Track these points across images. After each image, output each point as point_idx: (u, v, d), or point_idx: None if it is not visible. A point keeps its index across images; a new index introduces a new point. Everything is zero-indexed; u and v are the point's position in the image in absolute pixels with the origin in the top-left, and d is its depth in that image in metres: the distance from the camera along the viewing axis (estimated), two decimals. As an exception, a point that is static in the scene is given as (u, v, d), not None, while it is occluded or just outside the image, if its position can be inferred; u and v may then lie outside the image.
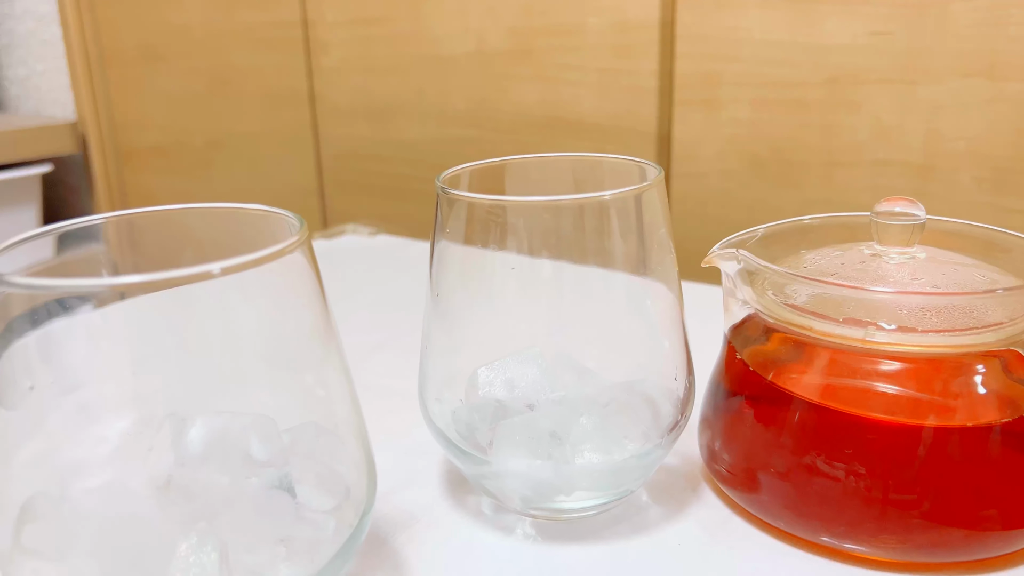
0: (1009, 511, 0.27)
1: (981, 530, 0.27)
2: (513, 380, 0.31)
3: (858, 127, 0.62)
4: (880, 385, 0.28)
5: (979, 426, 0.27)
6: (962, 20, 0.56)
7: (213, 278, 0.21)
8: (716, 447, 0.32)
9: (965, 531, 0.27)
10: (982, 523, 0.27)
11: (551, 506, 0.30)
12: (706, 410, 0.33)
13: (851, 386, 0.28)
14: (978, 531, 0.27)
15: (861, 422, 0.27)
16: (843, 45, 0.61)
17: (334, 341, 0.26)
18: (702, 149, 0.68)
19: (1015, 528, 0.27)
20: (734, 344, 0.32)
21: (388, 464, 0.35)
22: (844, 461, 0.27)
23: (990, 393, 0.27)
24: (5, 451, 0.23)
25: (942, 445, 0.27)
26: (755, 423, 0.30)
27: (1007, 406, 0.27)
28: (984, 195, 0.58)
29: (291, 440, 0.26)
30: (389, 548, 0.30)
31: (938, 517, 0.27)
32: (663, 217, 0.30)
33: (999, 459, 0.27)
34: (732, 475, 0.31)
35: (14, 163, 1.10)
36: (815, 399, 0.28)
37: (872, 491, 0.27)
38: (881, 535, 0.27)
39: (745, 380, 0.31)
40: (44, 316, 0.22)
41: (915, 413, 0.27)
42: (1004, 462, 0.27)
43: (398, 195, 0.91)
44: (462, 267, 0.30)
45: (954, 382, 0.27)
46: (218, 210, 0.28)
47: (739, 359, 0.31)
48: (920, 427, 0.27)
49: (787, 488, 0.29)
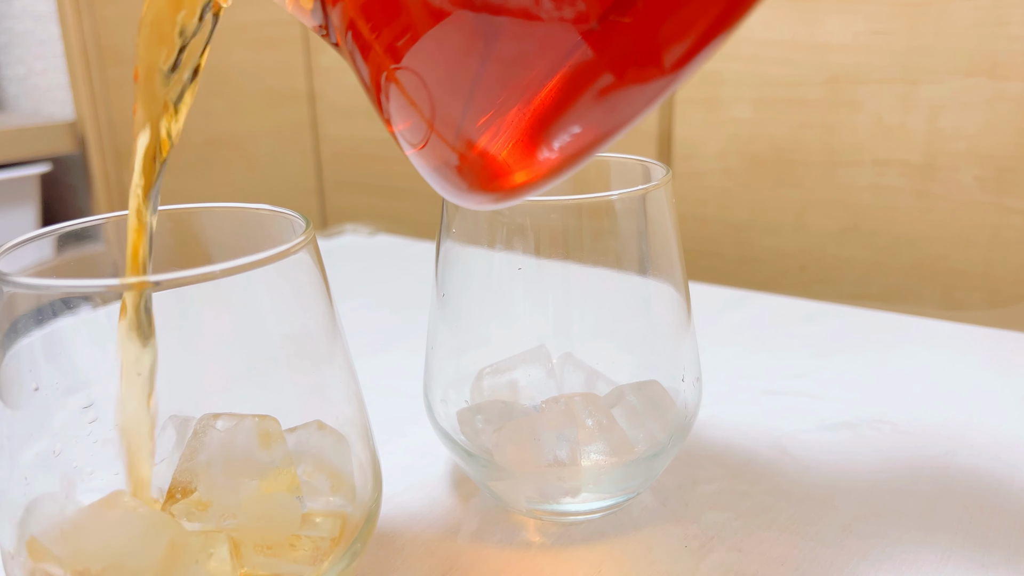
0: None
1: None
2: (519, 381, 0.31)
3: (859, 126, 0.62)
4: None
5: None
6: (963, 19, 0.56)
7: (219, 278, 0.21)
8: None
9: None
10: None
11: (557, 508, 0.30)
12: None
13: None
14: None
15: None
16: (844, 44, 0.61)
17: (340, 341, 0.26)
18: (703, 148, 0.68)
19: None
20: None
21: (393, 465, 0.35)
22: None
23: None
24: (10, 451, 0.23)
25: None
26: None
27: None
28: (985, 194, 0.58)
29: (296, 441, 0.26)
30: (394, 549, 0.30)
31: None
32: (670, 217, 0.30)
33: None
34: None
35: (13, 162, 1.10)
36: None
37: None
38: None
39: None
40: (49, 316, 0.22)
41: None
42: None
43: (398, 195, 0.91)
44: (468, 268, 0.30)
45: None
46: (222, 210, 0.28)
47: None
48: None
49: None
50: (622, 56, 0.17)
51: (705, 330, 0.47)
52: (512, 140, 0.19)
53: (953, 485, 0.33)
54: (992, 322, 0.49)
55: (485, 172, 0.20)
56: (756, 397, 0.41)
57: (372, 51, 0.20)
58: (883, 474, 0.34)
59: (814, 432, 0.37)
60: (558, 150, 0.19)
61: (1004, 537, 0.30)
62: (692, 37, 0.17)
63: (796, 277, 0.67)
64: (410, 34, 0.19)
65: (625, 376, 0.31)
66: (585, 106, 0.18)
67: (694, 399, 0.31)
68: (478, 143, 0.19)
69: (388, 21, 0.19)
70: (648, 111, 0.18)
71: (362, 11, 0.20)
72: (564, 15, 0.17)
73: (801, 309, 0.53)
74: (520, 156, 0.19)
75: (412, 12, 0.19)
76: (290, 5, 0.22)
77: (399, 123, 0.21)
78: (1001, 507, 0.31)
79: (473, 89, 0.19)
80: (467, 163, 0.20)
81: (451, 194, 0.21)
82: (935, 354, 0.45)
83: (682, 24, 0.16)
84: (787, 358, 0.45)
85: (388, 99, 0.21)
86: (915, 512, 0.31)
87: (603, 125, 0.18)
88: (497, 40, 0.18)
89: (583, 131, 0.18)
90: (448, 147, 0.20)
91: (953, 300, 0.61)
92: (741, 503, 0.32)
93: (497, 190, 0.20)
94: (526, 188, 0.20)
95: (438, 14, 0.18)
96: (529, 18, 0.17)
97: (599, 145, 0.18)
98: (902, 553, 0.29)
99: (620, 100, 0.18)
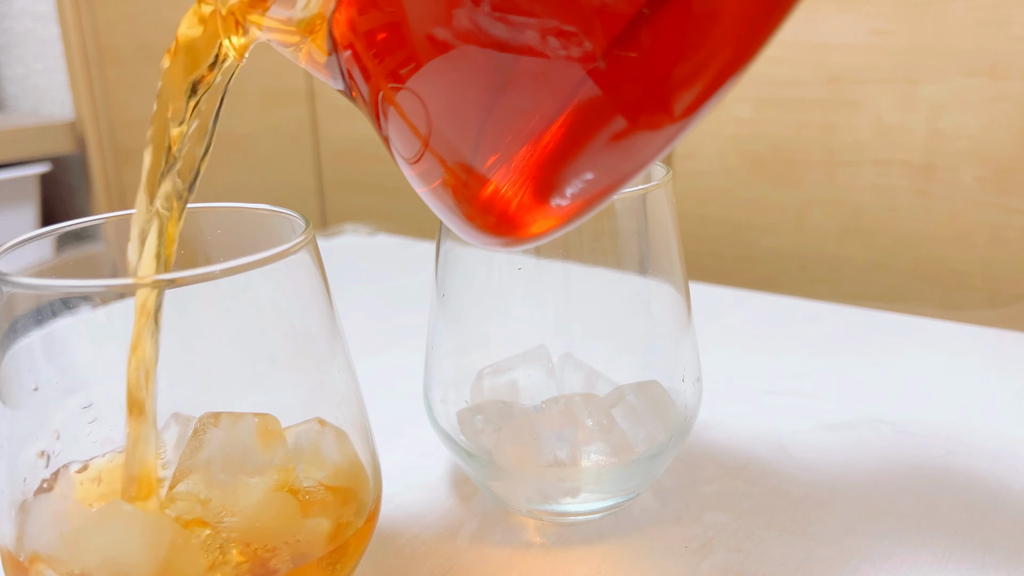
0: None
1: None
2: (519, 381, 0.31)
3: (859, 126, 0.62)
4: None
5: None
6: (963, 19, 0.56)
7: (219, 278, 0.21)
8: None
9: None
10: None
11: (557, 508, 0.30)
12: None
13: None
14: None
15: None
16: (844, 44, 0.61)
17: (339, 341, 0.26)
18: (703, 148, 0.68)
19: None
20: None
21: (393, 465, 0.35)
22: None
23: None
24: (10, 451, 0.23)
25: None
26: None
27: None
28: (985, 194, 0.58)
29: (296, 440, 0.26)
30: (394, 549, 0.30)
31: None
32: (670, 217, 0.30)
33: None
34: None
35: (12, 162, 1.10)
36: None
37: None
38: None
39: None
40: (48, 316, 0.22)
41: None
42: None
43: (398, 194, 0.91)
44: (468, 268, 0.30)
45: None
46: (222, 209, 0.28)
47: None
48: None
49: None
50: (630, 94, 0.17)
51: (705, 330, 0.47)
52: (521, 184, 0.19)
53: (953, 485, 0.33)
54: (992, 322, 0.49)
55: (494, 217, 0.20)
56: (756, 397, 0.41)
57: (371, 76, 0.20)
58: (883, 474, 0.34)
59: (814, 432, 0.37)
60: (568, 196, 0.19)
61: (1004, 537, 0.30)
62: (701, 76, 0.16)
63: (796, 277, 0.67)
64: (422, 71, 0.19)
65: (625, 376, 0.31)
66: (596, 149, 0.18)
67: (694, 399, 0.31)
68: (486, 186, 0.19)
69: (392, 52, 0.19)
70: (660, 155, 0.17)
71: (365, 48, 0.20)
72: (570, 53, 0.17)
73: (801, 309, 0.52)
74: (529, 202, 0.19)
75: (420, 48, 0.18)
76: (304, 60, 0.22)
77: (410, 159, 0.21)
78: (1001, 507, 0.31)
79: (481, 130, 0.19)
80: (475, 205, 0.20)
81: (461, 232, 0.21)
82: (935, 354, 0.45)
83: (690, 61, 0.16)
84: (787, 358, 0.45)
85: (387, 122, 0.20)
86: (915, 512, 0.31)
87: (615, 170, 0.18)
88: (504, 79, 0.18)
89: (594, 177, 0.18)
90: (455, 187, 0.20)
91: (953, 300, 0.61)
92: (741, 503, 0.32)
93: (506, 235, 0.20)
94: (534, 236, 0.20)
95: (445, 49, 0.18)
96: (534, 55, 0.17)
97: (612, 190, 0.18)
98: (902, 553, 0.29)
99: (631, 143, 0.17)
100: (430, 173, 0.20)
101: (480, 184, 0.19)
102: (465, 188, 0.20)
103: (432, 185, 0.21)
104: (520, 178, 0.19)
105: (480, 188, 0.20)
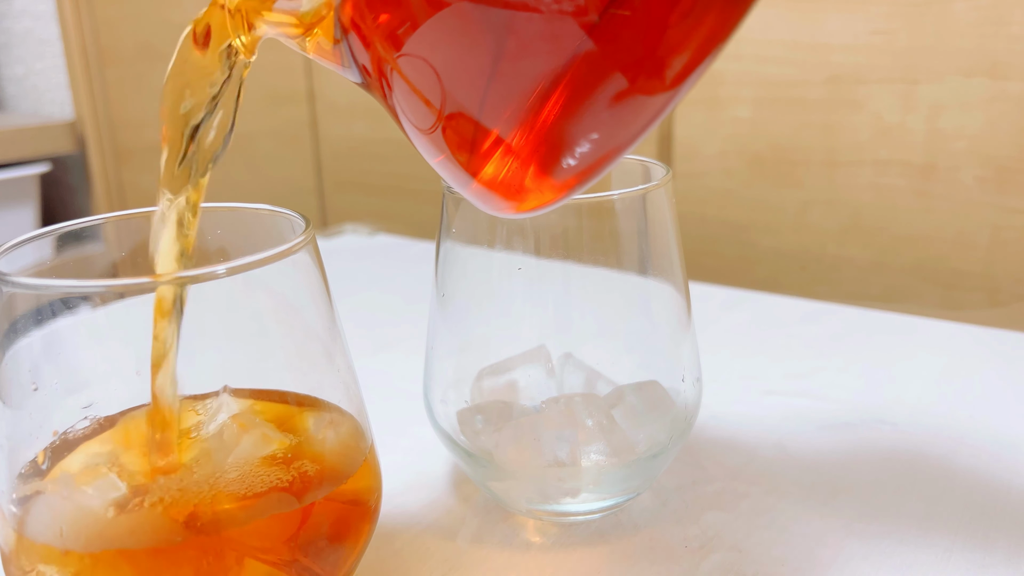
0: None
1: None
2: (519, 381, 0.31)
3: (859, 126, 0.62)
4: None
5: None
6: (963, 19, 0.56)
7: (219, 278, 0.21)
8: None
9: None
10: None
11: (557, 508, 0.30)
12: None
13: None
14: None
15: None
16: (844, 44, 0.61)
17: (339, 341, 0.26)
18: (703, 148, 0.68)
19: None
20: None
21: (393, 465, 0.35)
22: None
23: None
24: (10, 451, 0.23)
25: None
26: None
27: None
28: (986, 194, 0.58)
29: (297, 440, 0.26)
30: (394, 549, 0.30)
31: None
32: (670, 217, 0.30)
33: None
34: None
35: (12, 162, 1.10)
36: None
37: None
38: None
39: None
40: (48, 316, 0.22)
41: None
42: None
43: (397, 194, 0.91)
44: (468, 268, 0.30)
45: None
46: (222, 210, 0.27)
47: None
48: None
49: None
50: (628, 51, 0.17)
51: (705, 330, 0.47)
52: (527, 149, 0.19)
53: (953, 485, 0.33)
54: (992, 322, 0.49)
55: (502, 182, 0.20)
56: (756, 397, 0.41)
57: (371, 46, 0.20)
58: (883, 474, 0.34)
59: (814, 432, 0.37)
60: (573, 160, 0.19)
61: (1004, 537, 0.30)
62: (695, 32, 0.17)
63: (796, 277, 0.67)
64: (427, 38, 0.19)
65: (625, 376, 0.31)
66: (597, 110, 0.18)
67: (694, 399, 0.31)
68: (494, 151, 0.20)
69: (397, 24, 0.19)
70: (660, 115, 0.18)
71: (373, 26, 0.20)
72: (564, 7, 0.17)
73: (801, 309, 0.52)
74: (535, 167, 0.20)
75: (422, 15, 0.19)
76: (312, 50, 0.22)
77: (423, 128, 0.21)
78: (1001, 507, 0.31)
79: (487, 93, 0.19)
80: (484, 171, 0.20)
81: (473, 198, 0.22)
82: (935, 354, 0.45)
83: (684, 19, 0.17)
84: (787, 358, 0.45)
85: (393, 90, 0.21)
86: (915, 512, 0.31)
87: (618, 132, 0.18)
88: (506, 40, 0.18)
89: (596, 140, 0.19)
90: (465, 153, 0.20)
91: (953, 300, 0.61)
92: (741, 503, 0.32)
93: (514, 199, 0.21)
94: (541, 203, 0.20)
95: (448, 12, 0.19)
96: (533, 11, 0.17)
97: (616, 153, 0.19)
98: (902, 553, 0.29)
99: (632, 102, 0.18)
100: (440, 142, 0.21)
101: (488, 150, 0.20)
102: (473, 155, 0.20)
103: (444, 155, 0.21)
104: (526, 143, 0.19)
105: (488, 154, 0.20)
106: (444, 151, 0.21)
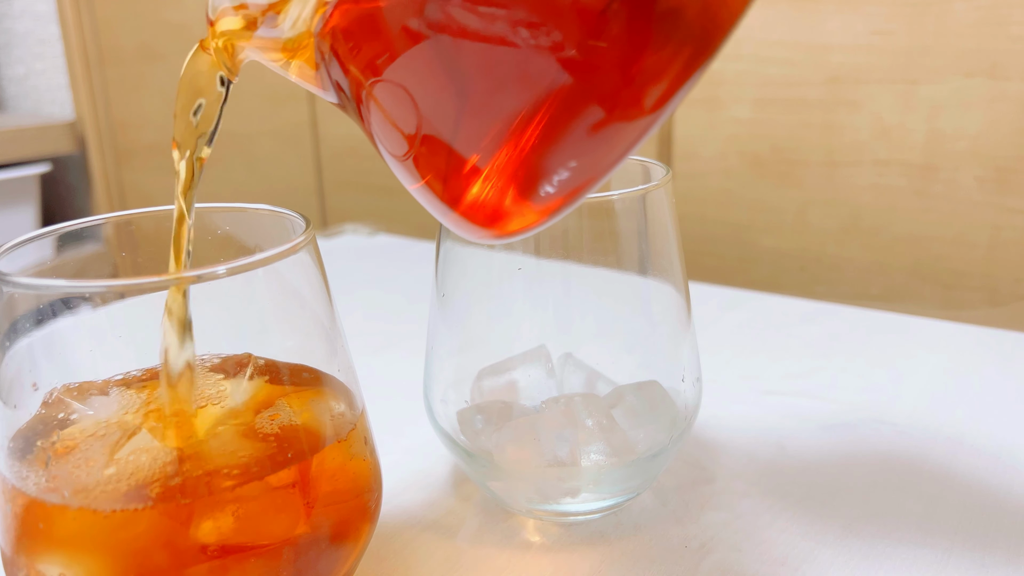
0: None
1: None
2: (519, 381, 0.31)
3: (859, 126, 0.62)
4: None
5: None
6: (963, 19, 0.56)
7: (220, 278, 0.21)
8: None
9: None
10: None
11: (557, 508, 0.30)
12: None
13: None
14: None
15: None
16: (844, 44, 0.61)
17: (340, 341, 0.26)
18: (703, 148, 0.68)
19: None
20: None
21: (393, 465, 0.35)
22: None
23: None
24: (9, 451, 0.23)
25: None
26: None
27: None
28: (985, 195, 0.58)
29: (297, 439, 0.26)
30: (394, 549, 0.30)
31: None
32: (670, 217, 0.30)
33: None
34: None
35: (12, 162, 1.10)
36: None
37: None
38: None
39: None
40: (48, 316, 0.22)
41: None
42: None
43: (398, 194, 0.91)
44: (468, 268, 0.30)
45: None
46: (222, 210, 0.28)
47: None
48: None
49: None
50: (604, 83, 0.17)
51: (705, 330, 0.47)
52: (505, 178, 0.19)
53: (953, 485, 0.33)
54: (992, 322, 0.49)
55: (481, 210, 0.20)
56: (756, 397, 0.41)
57: (350, 74, 0.21)
58: (883, 474, 0.34)
59: (814, 432, 0.37)
60: (551, 188, 0.19)
61: (1004, 537, 0.30)
62: (672, 64, 0.17)
63: (796, 277, 0.67)
64: (404, 67, 0.19)
65: (625, 376, 0.31)
66: (575, 140, 0.18)
67: (694, 399, 0.31)
68: (472, 180, 0.20)
69: (375, 54, 0.20)
70: (641, 141, 0.18)
71: (353, 57, 0.21)
72: (541, 43, 0.17)
73: (801, 309, 0.53)
74: (513, 195, 0.20)
75: (400, 46, 0.19)
76: (295, 73, 0.23)
77: (398, 156, 0.21)
78: (1001, 507, 0.31)
79: (461, 123, 0.19)
80: (462, 200, 0.20)
81: (452, 226, 0.22)
82: (935, 354, 0.45)
83: (661, 48, 0.17)
84: (787, 358, 0.45)
85: (370, 117, 0.21)
86: (915, 512, 0.31)
87: (596, 161, 0.18)
88: (481, 72, 0.18)
89: (574, 168, 0.19)
90: (442, 182, 0.21)
91: (953, 300, 0.61)
92: (741, 503, 0.32)
93: (494, 228, 0.21)
94: (521, 229, 0.20)
95: (425, 43, 0.19)
96: (509, 46, 0.17)
97: (594, 180, 0.19)
98: (902, 553, 0.29)
99: (609, 132, 0.18)
100: (416, 169, 0.21)
101: (466, 178, 0.20)
102: (450, 183, 0.20)
103: (421, 182, 0.21)
104: (504, 171, 0.19)
105: (466, 182, 0.20)
106: (421, 179, 0.21)
